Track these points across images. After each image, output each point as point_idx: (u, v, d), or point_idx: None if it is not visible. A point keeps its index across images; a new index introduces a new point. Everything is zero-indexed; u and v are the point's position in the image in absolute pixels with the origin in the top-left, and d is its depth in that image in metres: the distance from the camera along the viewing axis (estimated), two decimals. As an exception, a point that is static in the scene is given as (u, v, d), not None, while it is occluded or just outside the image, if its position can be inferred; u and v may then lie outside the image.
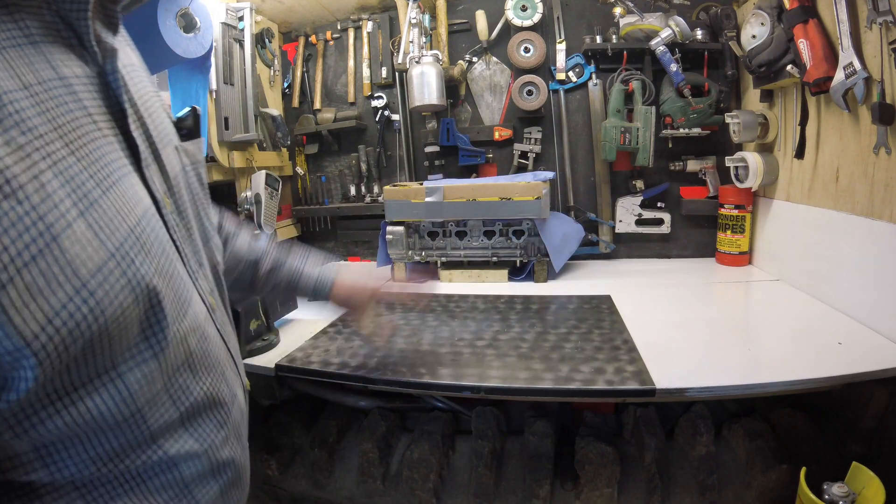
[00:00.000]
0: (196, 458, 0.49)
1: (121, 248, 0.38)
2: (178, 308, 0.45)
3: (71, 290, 0.34)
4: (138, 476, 0.45)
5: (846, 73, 0.99)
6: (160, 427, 0.45)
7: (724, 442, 1.14)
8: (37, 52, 0.37)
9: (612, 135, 1.55)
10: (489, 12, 1.66)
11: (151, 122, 0.50)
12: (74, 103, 0.39)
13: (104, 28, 0.45)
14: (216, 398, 0.52)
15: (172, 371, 0.45)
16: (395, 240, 1.55)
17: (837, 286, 1.11)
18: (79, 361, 0.36)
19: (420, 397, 1.32)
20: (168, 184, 0.51)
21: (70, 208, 0.35)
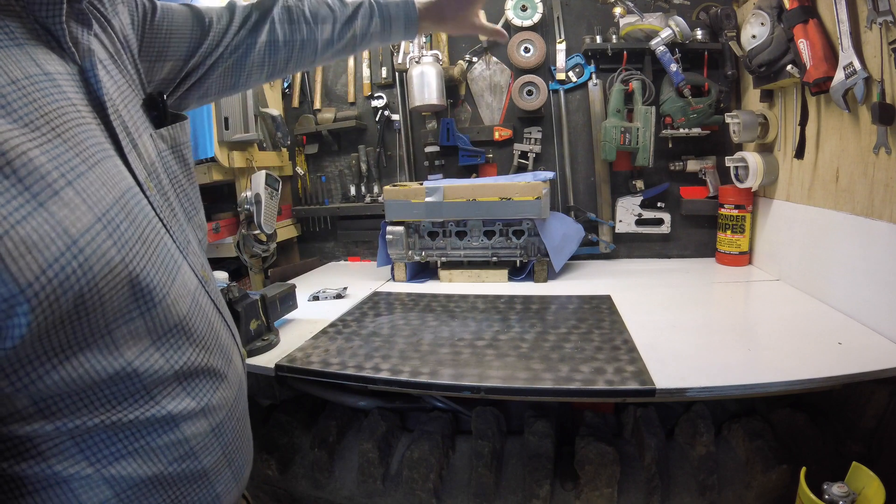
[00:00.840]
0: (195, 417, 0.51)
1: (107, 214, 0.42)
2: (164, 273, 0.48)
3: (63, 246, 0.38)
4: (138, 433, 0.47)
5: (846, 73, 0.99)
6: (153, 381, 0.47)
7: (724, 442, 1.14)
8: (22, 52, 0.41)
9: (612, 135, 1.55)
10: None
11: (127, 113, 0.53)
12: (59, 95, 0.43)
13: (79, 26, 0.48)
14: (213, 358, 0.54)
15: (162, 331, 0.48)
16: (395, 240, 1.55)
17: (837, 286, 1.11)
18: (71, 316, 0.39)
19: (420, 397, 1.32)
20: (147, 170, 0.54)
21: (58, 178, 0.39)
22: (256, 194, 1.54)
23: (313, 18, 0.81)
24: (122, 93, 0.54)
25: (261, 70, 0.80)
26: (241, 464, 0.59)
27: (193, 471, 0.52)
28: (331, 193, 1.96)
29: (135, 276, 0.44)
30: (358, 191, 1.90)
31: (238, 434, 0.58)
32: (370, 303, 1.39)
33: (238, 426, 0.58)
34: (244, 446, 0.60)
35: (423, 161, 1.82)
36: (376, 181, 1.88)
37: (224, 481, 0.56)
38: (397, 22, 0.87)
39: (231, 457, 0.57)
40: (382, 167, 1.89)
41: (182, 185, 0.62)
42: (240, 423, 0.59)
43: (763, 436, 1.07)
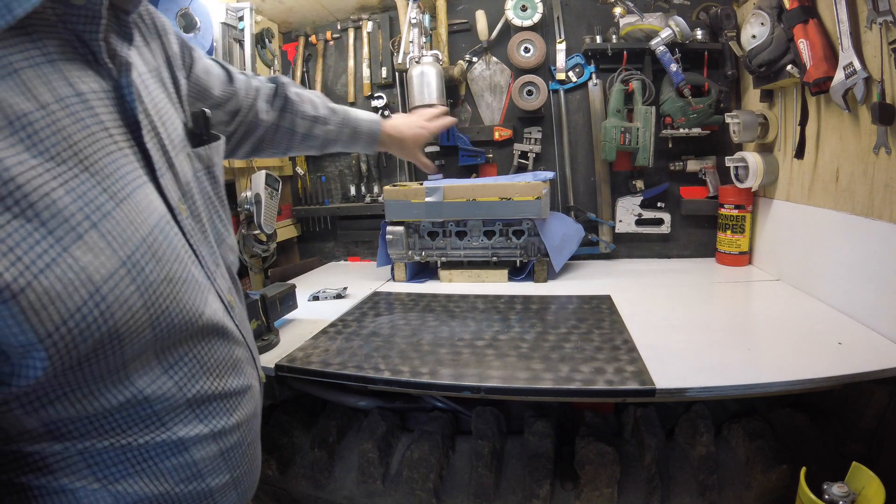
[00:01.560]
0: (205, 441, 0.51)
1: (132, 257, 0.41)
2: (190, 311, 0.48)
3: (86, 295, 0.37)
4: (147, 455, 0.47)
5: (846, 73, 0.99)
6: (165, 409, 0.47)
7: (724, 442, 1.14)
8: (55, 70, 0.39)
9: (612, 135, 1.55)
10: (489, 12, 1.66)
11: (164, 131, 0.52)
12: (91, 118, 0.41)
13: (119, 40, 0.47)
14: (230, 387, 0.55)
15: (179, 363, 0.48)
16: (395, 240, 1.55)
17: (837, 286, 1.11)
18: (90, 359, 0.39)
19: (420, 397, 1.32)
20: (182, 190, 0.53)
21: (82, 221, 0.38)
22: (256, 194, 1.54)
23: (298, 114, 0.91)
24: (160, 109, 0.52)
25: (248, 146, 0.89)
26: (248, 486, 0.60)
27: (199, 491, 0.52)
28: (331, 193, 1.96)
29: (156, 318, 0.43)
30: (358, 191, 1.90)
31: (247, 457, 0.58)
32: (370, 303, 1.39)
33: (248, 450, 0.58)
34: (252, 468, 0.60)
35: (423, 161, 1.82)
36: (376, 181, 1.88)
37: (229, 502, 0.56)
38: (362, 138, 1.02)
39: (238, 479, 0.57)
40: (382, 167, 1.89)
41: (215, 207, 0.62)
42: (250, 447, 0.59)
43: (763, 436, 1.07)
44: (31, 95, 0.36)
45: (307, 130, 0.94)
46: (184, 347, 0.48)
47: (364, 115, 1.03)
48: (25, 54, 0.37)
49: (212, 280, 0.55)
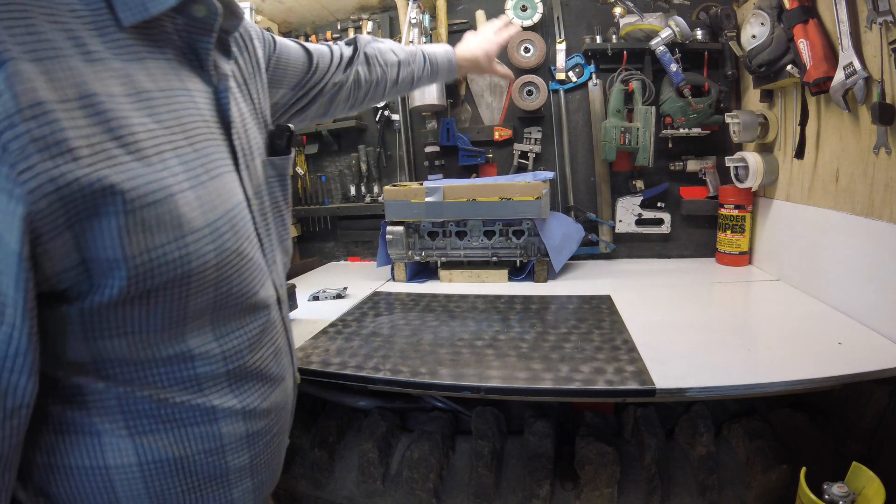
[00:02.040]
0: (234, 417, 0.54)
1: (215, 223, 0.48)
2: (249, 285, 0.54)
3: (171, 236, 0.43)
4: (179, 415, 0.51)
5: (846, 73, 0.99)
6: (206, 374, 0.51)
7: (724, 442, 1.14)
8: (170, 67, 0.48)
9: (612, 135, 1.55)
10: (489, 12, 1.66)
11: (246, 138, 0.59)
12: (194, 109, 0.50)
13: (220, 55, 0.56)
14: (265, 372, 0.58)
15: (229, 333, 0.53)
16: (395, 240, 1.55)
17: (837, 286, 1.11)
18: (159, 294, 0.44)
19: (420, 397, 1.32)
20: (255, 189, 0.60)
21: (183, 181, 0.45)
22: (256, 194, 1.54)
23: (385, 62, 1.00)
24: (244, 118, 0.60)
25: (346, 102, 0.97)
26: (264, 480, 0.61)
27: (217, 466, 0.54)
28: (331, 193, 1.96)
29: (221, 280, 0.49)
30: (358, 191, 1.90)
31: (270, 448, 0.60)
32: (370, 303, 1.39)
33: (272, 441, 0.61)
34: (272, 462, 0.62)
35: (423, 161, 1.82)
36: (376, 181, 1.88)
37: (243, 489, 0.57)
38: (443, 67, 1.10)
39: (256, 468, 0.59)
40: (382, 167, 1.89)
41: (280, 210, 0.69)
42: (275, 439, 0.61)
43: (763, 436, 1.07)
44: (152, 79, 0.45)
45: (397, 75, 1.02)
46: (236, 322, 0.53)
47: (436, 47, 1.10)
48: (150, 48, 0.46)
49: (270, 269, 0.60)
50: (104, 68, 0.41)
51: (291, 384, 0.67)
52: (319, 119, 0.98)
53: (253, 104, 0.65)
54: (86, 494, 0.49)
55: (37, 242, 0.37)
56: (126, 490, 0.50)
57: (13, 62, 0.34)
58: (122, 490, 0.50)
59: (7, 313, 0.37)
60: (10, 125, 0.34)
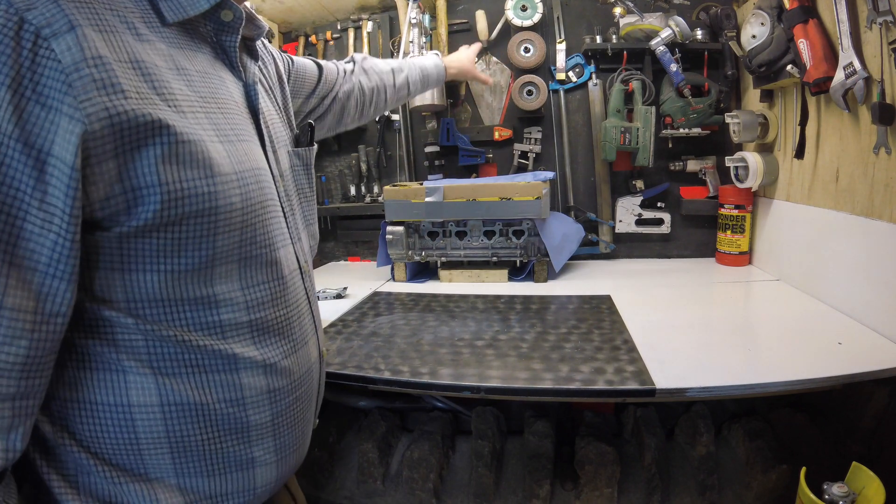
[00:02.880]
0: (255, 369, 0.56)
1: (243, 174, 0.54)
2: (272, 239, 0.59)
3: (201, 173, 0.49)
4: (202, 359, 0.53)
5: (846, 73, 0.99)
6: (229, 321, 0.54)
7: (724, 442, 1.14)
8: (205, 58, 0.57)
9: (612, 135, 1.55)
10: (489, 12, 1.66)
11: (273, 128, 0.68)
12: (226, 92, 0.58)
13: (248, 57, 0.65)
14: (287, 330, 0.61)
15: (253, 283, 0.56)
16: (395, 240, 1.55)
17: (837, 286, 1.11)
18: (189, 223, 0.49)
19: (420, 397, 1.32)
20: (280, 172, 0.66)
21: (213, 136, 0.52)
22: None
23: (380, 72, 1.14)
24: (270, 113, 0.68)
25: (355, 110, 1.10)
26: (287, 444, 0.61)
27: (238, 419, 0.55)
28: (331, 193, 1.96)
29: (247, 226, 0.54)
30: (358, 191, 1.90)
31: (292, 411, 0.61)
32: (370, 303, 1.39)
33: (294, 404, 0.62)
34: (295, 429, 0.63)
35: (423, 161, 1.82)
36: (376, 181, 1.88)
37: (264, 449, 0.58)
38: (432, 72, 1.28)
39: (278, 430, 0.60)
40: (382, 167, 1.89)
41: (307, 196, 0.76)
42: (296, 402, 0.62)
43: (763, 436, 1.07)
44: (191, 63, 0.54)
45: (393, 81, 1.17)
46: (261, 274, 0.57)
47: (423, 58, 1.28)
48: (188, 43, 0.55)
49: (294, 240, 0.65)
50: (151, 47, 0.49)
51: (316, 355, 0.68)
52: (335, 129, 1.10)
53: (278, 106, 0.75)
54: (107, 432, 0.51)
55: (86, 164, 0.43)
56: (147, 431, 0.51)
57: (81, 28, 0.42)
58: (143, 430, 0.51)
59: (55, 221, 0.42)
60: (76, 69, 0.42)
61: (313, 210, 0.79)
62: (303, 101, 0.96)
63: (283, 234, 0.62)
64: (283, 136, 0.72)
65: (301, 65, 0.94)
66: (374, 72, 1.12)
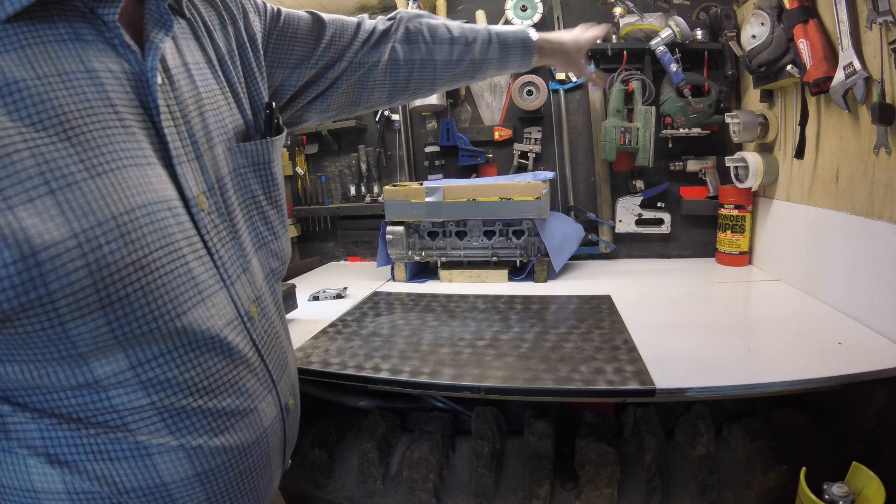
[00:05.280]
0: (175, 454, 0.47)
1: (88, 231, 0.39)
2: (168, 304, 0.44)
3: (17, 255, 0.36)
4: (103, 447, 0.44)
5: (846, 73, 0.99)
6: (124, 406, 0.44)
7: (724, 442, 1.14)
8: (65, 49, 0.40)
9: (612, 135, 1.55)
10: (489, 12, 1.66)
11: (200, 121, 0.51)
12: (95, 94, 0.41)
13: (157, 28, 0.47)
14: (220, 401, 0.49)
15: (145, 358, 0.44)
16: (395, 240, 1.55)
17: (837, 286, 1.11)
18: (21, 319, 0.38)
19: (420, 397, 1.32)
20: (209, 183, 0.51)
21: (38, 185, 0.37)
22: (256, 194, 1.53)
23: (431, 38, 0.82)
24: (201, 100, 0.52)
25: (382, 88, 0.80)
26: None
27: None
28: (331, 193, 1.96)
29: (110, 303, 0.40)
30: (358, 191, 1.90)
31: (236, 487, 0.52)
32: (370, 303, 1.39)
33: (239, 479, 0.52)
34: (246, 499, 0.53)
35: (423, 161, 1.82)
36: (376, 181, 1.88)
37: None
38: (514, 50, 0.88)
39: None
40: (382, 167, 1.89)
41: (259, 207, 0.58)
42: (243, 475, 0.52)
43: (763, 436, 1.07)
44: (31, 67, 0.38)
45: (449, 55, 0.83)
46: (158, 348, 0.44)
47: (507, 27, 0.91)
48: (38, 32, 0.39)
49: (226, 284, 0.51)
50: None
51: (274, 413, 0.56)
52: (351, 109, 0.81)
53: (227, 84, 0.57)
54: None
55: None
56: None
57: None
58: None
59: None
60: None
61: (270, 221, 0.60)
62: (289, 73, 0.69)
63: (198, 287, 0.47)
64: (225, 126, 0.55)
65: (290, 20, 0.69)
66: (422, 39, 0.81)
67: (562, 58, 0.96)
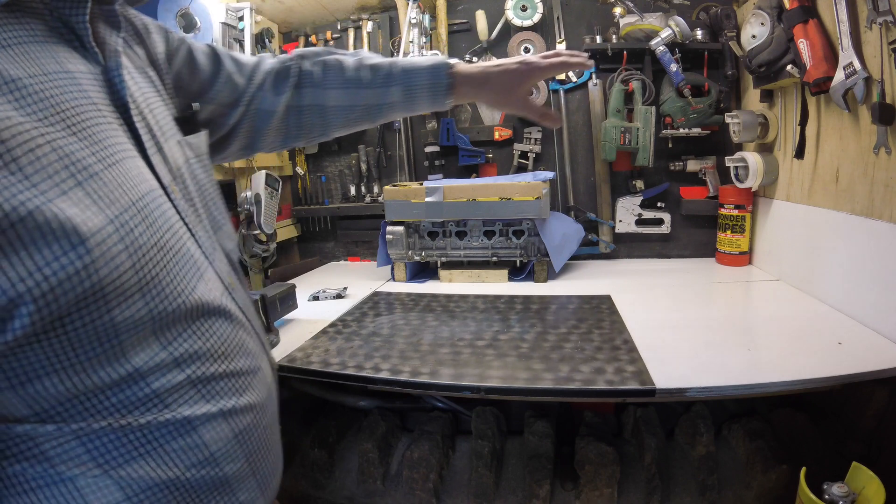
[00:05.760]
0: (215, 422, 0.50)
1: (120, 217, 0.41)
2: (183, 281, 0.48)
3: (65, 246, 0.37)
4: (151, 437, 0.46)
5: (846, 73, 0.99)
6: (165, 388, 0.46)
7: (724, 442, 1.14)
8: (42, 50, 0.41)
9: (612, 135, 1.55)
10: (489, 12, 1.66)
11: (153, 117, 0.54)
12: (79, 93, 0.43)
13: (107, 27, 0.49)
14: (233, 368, 0.53)
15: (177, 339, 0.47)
16: (395, 240, 1.55)
17: (837, 286, 1.11)
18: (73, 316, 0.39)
19: (420, 397, 1.32)
20: (172, 174, 0.54)
21: (66, 179, 0.39)
22: (256, 194, 1.54)
23: (322, 82, 0.76)
24: (147, 97, 0.54)
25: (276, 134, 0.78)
26: (267, 473, 0.58)
27: (214, 478, 0.50)
28: (331, 193, 1.96)
29: (146, 283, 0.43)
30: (358, 191, 1.90)
31: (264, 442, 0.56)
32: (370, 303, 1.39)
33: (264, 434, 0.57)
34: (271, 455, 0.58)
35: (423, 161, 1.82)
36: (376, 181, 1.88)
37: (248, 490, 0.54)
38: (421, 91, 0.78)
39: (256, 465, 0.55)
40: (382, 167, 1.89)
41: (210, 194, 0.62)
42: (266, 430, 0.57)
43: (763, 436, 1.07)
44: (21, 66, 0.38)
45: (338, 101, 0.77)
46: (182, 324, 0.47)
47: (423, 59, 0.78)
48: (13, 33, 0.39)
49: (210, 260, 0.55)
50: None
51: (269, 371, 0.62)
52: (246, 154, 0.80)
53: (156, 86, 0.58)
54: None
55: None
56: None
57: None
58: None
59: None
60: None
61: (221, 207, 0.63)
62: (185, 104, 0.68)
63: (196, 264, 0.51)
64: (169, 122, 0.57)
65: (190, 48, 0.68)
66: (315, 83, 0.76)
67: (490, 95, 0.81)
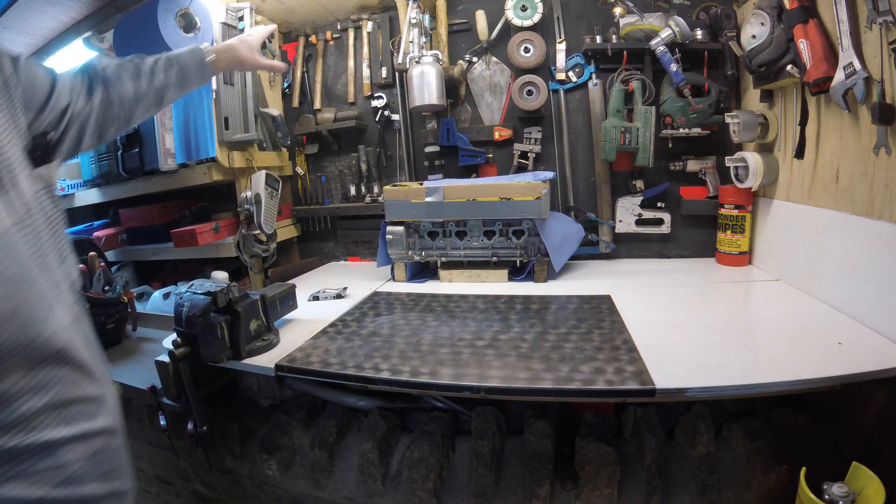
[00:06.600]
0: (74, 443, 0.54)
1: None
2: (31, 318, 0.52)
3: None
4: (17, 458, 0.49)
5: (846, 73, 0.99)
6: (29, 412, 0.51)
7: (724, 442, 1.14)
8: None
9: (612, 135, 1.55)
10: (489, 12, 1.66)
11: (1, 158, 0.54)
12: None
13: None
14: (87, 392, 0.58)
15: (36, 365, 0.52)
16: (395, 240, 1.55)
17: (837, 286, 1.11)
18: None
19: (420, 397, 1.32)
20: (22, 210, 0.56)
21: None
22: (256, 194, 1.54)
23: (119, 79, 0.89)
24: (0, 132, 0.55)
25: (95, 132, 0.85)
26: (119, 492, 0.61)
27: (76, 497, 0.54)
28: (331, 193, 1.96)
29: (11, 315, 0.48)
30: (358, 191, 1.90)
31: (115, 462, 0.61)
32: (370, 303, 1.39)
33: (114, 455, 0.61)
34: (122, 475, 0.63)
35: (423, 161, 1.82)
36: (376, 181, 1.88)
37: None
38: (191, 67, 0.99)
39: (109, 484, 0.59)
40: (382, 167, 1.89)
41: (57, 226, 0.64)
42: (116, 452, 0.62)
43: (763, 436, 1.07)
44: None
45: (136, 91, 0.92)
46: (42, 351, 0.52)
47: (181, 50, 1.01)
48: None
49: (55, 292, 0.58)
50: None
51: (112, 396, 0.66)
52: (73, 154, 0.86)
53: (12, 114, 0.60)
54: None
55: None
56: None
57: None
58: None
59: None
60: None
61: (66, 238, 0.66)
62: (35, 116, 0.71)
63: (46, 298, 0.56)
64: (17, 156, 0.58)
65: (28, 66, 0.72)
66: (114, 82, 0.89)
67: (237, 61, 1.10)
